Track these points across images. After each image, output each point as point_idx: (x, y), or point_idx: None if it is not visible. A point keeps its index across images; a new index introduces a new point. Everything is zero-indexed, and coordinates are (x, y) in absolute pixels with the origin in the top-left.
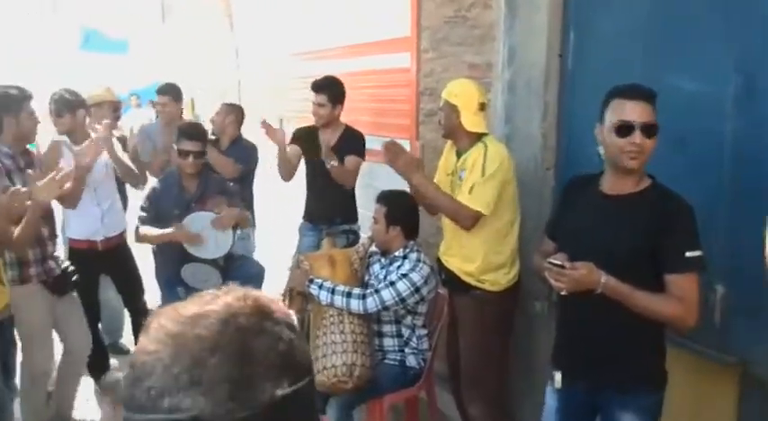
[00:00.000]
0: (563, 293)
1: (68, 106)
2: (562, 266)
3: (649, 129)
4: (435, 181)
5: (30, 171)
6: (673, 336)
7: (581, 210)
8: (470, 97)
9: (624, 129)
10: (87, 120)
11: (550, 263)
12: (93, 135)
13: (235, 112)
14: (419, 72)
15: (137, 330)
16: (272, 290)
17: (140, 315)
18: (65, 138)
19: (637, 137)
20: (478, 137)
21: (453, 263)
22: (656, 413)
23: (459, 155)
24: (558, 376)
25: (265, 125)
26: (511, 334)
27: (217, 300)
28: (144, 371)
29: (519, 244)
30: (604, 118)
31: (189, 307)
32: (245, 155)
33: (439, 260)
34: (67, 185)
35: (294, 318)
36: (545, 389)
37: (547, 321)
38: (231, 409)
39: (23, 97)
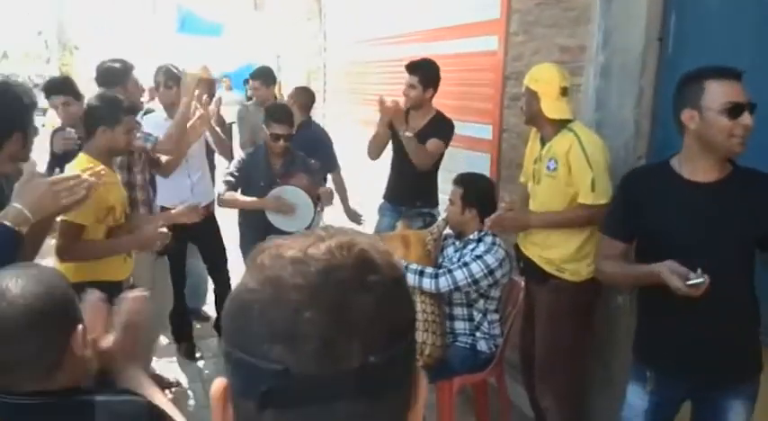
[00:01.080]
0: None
1: (175, 79)
2: (702, 282)
3: (751, 108)
4: (524, 170)
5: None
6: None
7: (665, 204)
8: (551, 82)
9: (735, 110)
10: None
11: (693, 286)
12: (199, 110)
13: (298, 97)
14: (506, 55)
15: (219, 299)
16: None
17: (224, 284)
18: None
19: (747, 118)
20: (563, 123)
21: (533, 250)
22: (754, 400)
23: (543, 142)
24: (650, 376)
25: (382, 100)
26: (589, 327)
27: (320, 244)
28: (243, 310)
29: None
30: (697, 102)
31: (291, 247)
32: (313, 138)
33: (517, 247)
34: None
35: (402, 269)
36: (622, 386)
37: (627, 315)
38: (321, 367)
39: (126, 69)
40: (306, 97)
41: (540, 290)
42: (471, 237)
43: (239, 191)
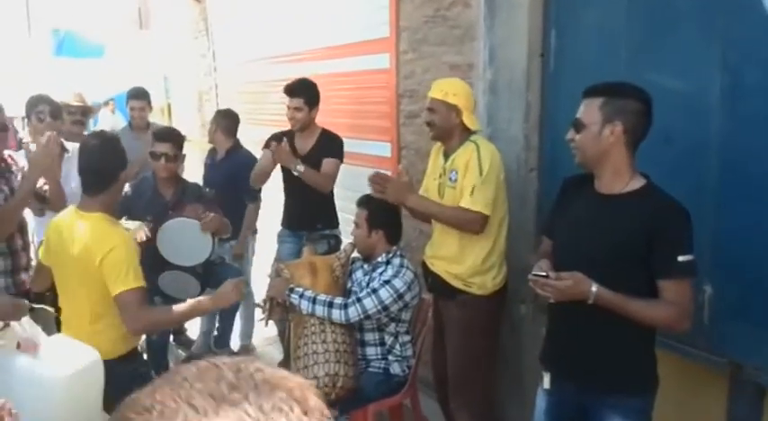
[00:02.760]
0: (551, 301)
1: (59, 110)
2: (546, 276)
3: (576, 125)
4: (423, 188)
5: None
6: (661, 338)
7: (574, 209)
8: (468, 96)
9: (573, 124)
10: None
11: (535, 274)
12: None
13: (217, 120)
14: (399, 73)
15: None
16: (258, 298)
17: None
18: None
19: (569, 133)
20: (466, 136)
21: (440, 265)
22: (645, 416)
23: (446, 156)
24: (546, 377)
25: (274, 146)
26: (497, 337)
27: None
28: None
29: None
30: None
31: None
32: (242, 167)
33: (424, 264)
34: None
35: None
36: (532, 393)
37: (533, 324)
38: None
39: None
40: (229, 120)
41: (449, 305)
42: (380, 259)
43: None
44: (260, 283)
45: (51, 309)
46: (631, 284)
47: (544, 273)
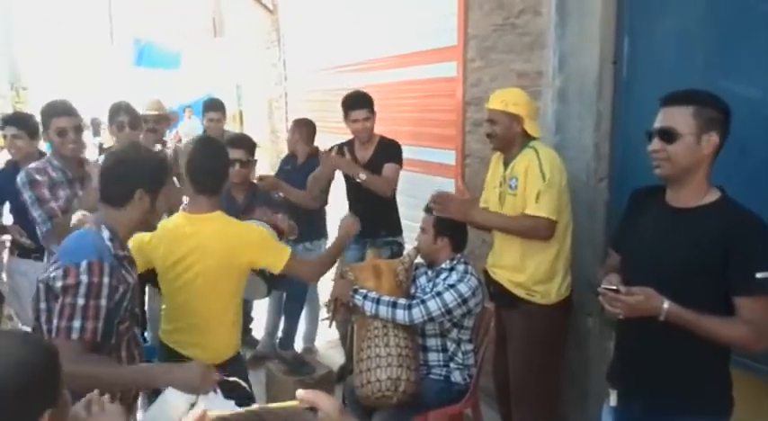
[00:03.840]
0: (620, 318)
1: (139, 120)
2: (617, 291)
3: (666, 135)
4: (483, 198)
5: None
6: (736, 357)
7: (645, 222)
8: (528, 103)
9: (649, 136)
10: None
11: (605, 288)
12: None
13: (299, 129)
14: (466, 81)
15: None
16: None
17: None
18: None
19: (654, 143)
20: (526, 143)
21: (502, 274)
22: None
23: (506, 164)
24: (613, 394)
25: (327, 154)
26: (562, 350)
27: None
28: None
29: (571, 256)
30: None
31: None
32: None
33: (486, 273)
34: None
35: None
36: (597, 409)
37: (599, 338)
38: None
39: (52, 113)
40: (309, 128)
41: (512, 315)
42: (444, 265)
43: None
44: (326, 287)
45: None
46: (705, 301)
47: (614, 288)
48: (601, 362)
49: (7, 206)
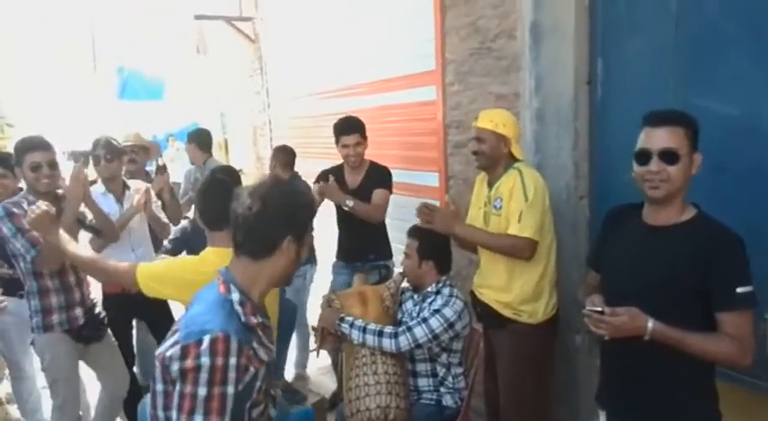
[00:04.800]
0: (606, 338)
1: (116, 152)
2: (601, 312)
3: (667, 156)
4: (468, 218)
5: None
6: (721, 369)
7: (621, 241)
8: (516, 126)
9: (642, 156)
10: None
11: (589, 310)
12: (134, 190)
13: (276, 157)
14: (445, 104)
15: None
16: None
17: None
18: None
19: (654, 164)
20: (510, 164)
21: (489, 294)
22: None
23: (490, 185)
24: (602, 415)
25: (321, 186)
26: (551, 368)
27: None
28: None
29: (557, 274)
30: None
31: None
32: None
33: (473, 293)
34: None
35: None
36: None
37: (588, 355)
38: None
39: (25, 148)
40: (286, 155)
41: (499, 335)
42: (429, 289)
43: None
44: (316, 313)
45: None
46: (686, 318)
47: (599, 309)
48: (590, 380)
49: None
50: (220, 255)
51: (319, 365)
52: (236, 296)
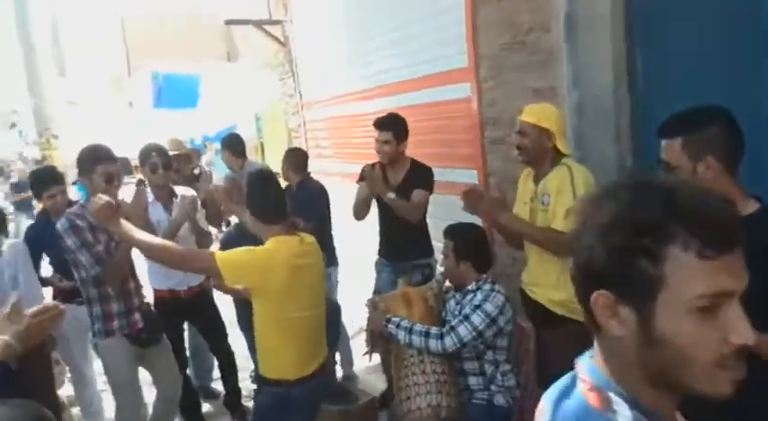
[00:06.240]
0: None
1: (170, 161)
2: None
3: (667, 167)
4: (513, 212)
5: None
6: None
7: None
8: (561, 120)
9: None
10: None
11: None
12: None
13: (286, 158)
14: (481, 101)
15: (224, 373)
16: (355, 326)
17: (227, 359)
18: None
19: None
20: (557, 160)
21: (540, 293)
22: None
23: (536, 181)
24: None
25: (368, 170)
26: None
27: None
28: None
29: None
30: None
31: None
32: (312, 196)
33: (523, 292)
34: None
35: None
36: None
37: None
38: None
39: (95, 159)
40: (297, 157)
41: (552, 334)
42: (470, 287)
43: None
44: (351, 313)
45: None
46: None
47: None
48: None
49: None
50: (284, 242)
51: (367, 364)
52: (623, 410)
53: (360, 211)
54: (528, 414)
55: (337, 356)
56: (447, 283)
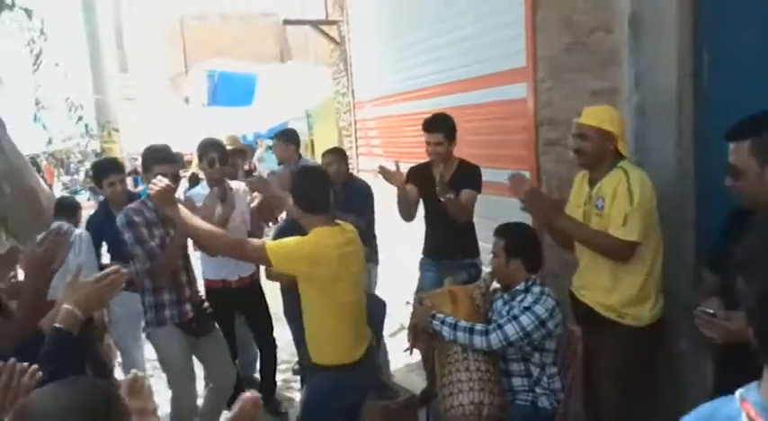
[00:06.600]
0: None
1: (227, 156)
2: (713, 315)
3: (734, 171)
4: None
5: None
6: None
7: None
8: (622, 122)
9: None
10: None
11: (701, 310)
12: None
13: (331, 158)
14: (537, 102)
15: (265, 365)
16: (396, 323)
17: (270, 352)
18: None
19: (727, 179)
20: (614, 163)
21: (590, 296)
22: None
23: (591, 184)
24: None
25: (382, 170)
26: (655, 373)
27: None
28: None
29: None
30: None
31: None
32: (357, 195)
33: (572, 295)
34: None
35: None
36: None
37: (693, 359)
38: None
39: (154, 160)
40: (337, 157)
41: (601, 338)
42: (519, 287)
43: None
44: (391, 312)
45: None
46: None
47: (711, 311)
48: (695, 385)
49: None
50: (329, 233)
51: (407, 362)
52: None
53: (409, 213)
54: (571, 416)
55: None
56: (494, 284)
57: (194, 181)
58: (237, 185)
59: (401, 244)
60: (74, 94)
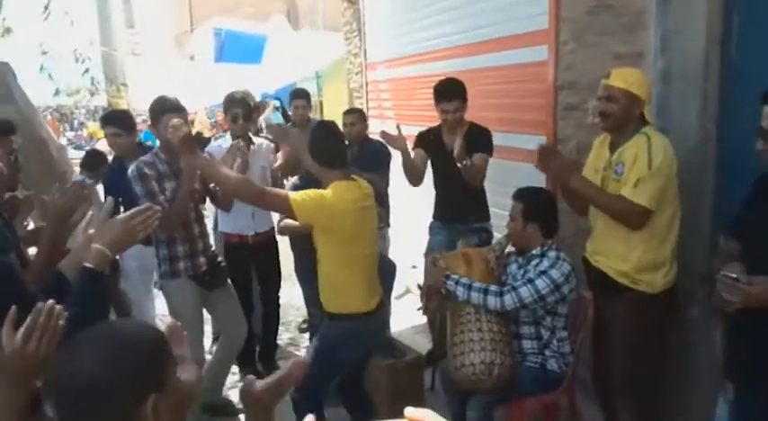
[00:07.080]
0: (733, 308)
1: (251, 111)
2: (736, 279)
3: (765, 134)
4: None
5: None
6: None
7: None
8: (649, 87)
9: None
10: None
11: (724, 274)
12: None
13: (353, 118)
14: (557, 65)
15: (266, 321)
16: (402, 286)
17: (272, 307)
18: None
19: (759, 142)
20: (638, 128)
21: (604, 262)
22: None
23: (612, 149)
24: (731, 389)
25: (385, 134)
26: (667, 340)
27: None
28: None
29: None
30: None
31: None
32: (373, 156)
33: (585, 261)
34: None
35: None
36: (702, 401)
37: (704, 327)
38: None
39: (162, 109)
40: (356, 118)
41: (614, 303)
42: (534, 252)
43: None
44: (398, 276)
45: None
46: None
47: (734, 275)
48: (705, 353)
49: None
50: (347, 187)
51: (413, 324)
52: None
53: (417, 177)
54: (578, 381)
55: None
56: (509, 248)
57: (198, 139)
58: (260, 141)
59: (406, 207)
60: (81, 45)
